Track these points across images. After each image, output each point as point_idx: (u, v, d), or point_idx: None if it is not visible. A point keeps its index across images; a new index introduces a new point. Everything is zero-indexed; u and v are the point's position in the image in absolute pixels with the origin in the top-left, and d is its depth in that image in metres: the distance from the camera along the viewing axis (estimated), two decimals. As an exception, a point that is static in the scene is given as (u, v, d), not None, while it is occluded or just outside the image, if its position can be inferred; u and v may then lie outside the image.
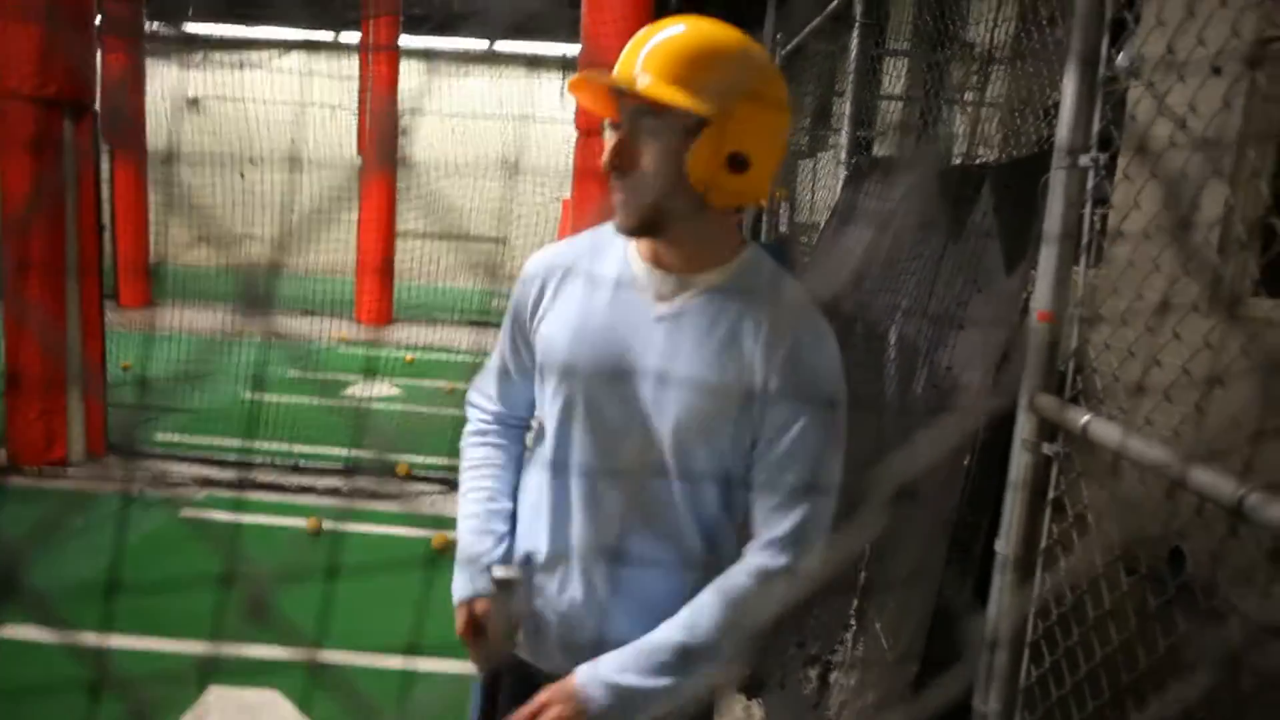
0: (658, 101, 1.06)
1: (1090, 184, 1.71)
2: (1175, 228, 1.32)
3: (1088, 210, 1.73)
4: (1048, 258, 1.71)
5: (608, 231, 1.24)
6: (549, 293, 1.24)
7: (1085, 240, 1.76)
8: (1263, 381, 1.24)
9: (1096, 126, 1.70)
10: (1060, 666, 1.78)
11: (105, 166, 8.61)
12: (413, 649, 2.94)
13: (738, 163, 1.09)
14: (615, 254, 1.22)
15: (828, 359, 1.14)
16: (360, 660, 2.86)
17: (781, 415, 1.12)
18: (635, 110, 1.10)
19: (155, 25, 10.58)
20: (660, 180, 1.10)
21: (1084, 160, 1.70)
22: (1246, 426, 1.34)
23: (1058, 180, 1.70)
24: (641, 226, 1.14)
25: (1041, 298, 1.72)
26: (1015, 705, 1.70)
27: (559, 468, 1.21)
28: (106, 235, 6.67)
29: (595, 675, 1.12)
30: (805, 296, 1.18)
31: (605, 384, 1.16)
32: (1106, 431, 1.46)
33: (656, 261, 1.18)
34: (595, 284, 1.20)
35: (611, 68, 1.13)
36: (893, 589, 2.27)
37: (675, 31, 1.10)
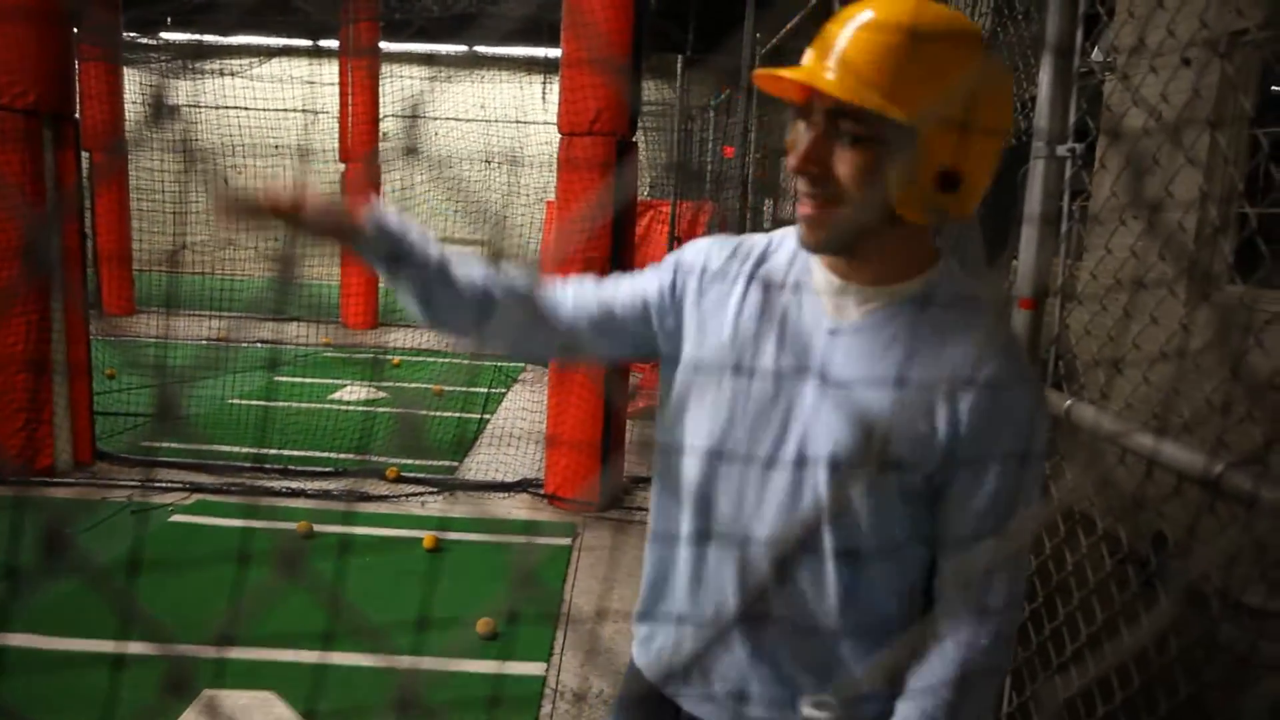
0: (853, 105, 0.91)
1: (1068, 174, 1.75)
2: (1145, 212, 1.35)
3: (1065, 199, 1.77)
4: (1028, 246, 1.75)
5: (782, 234, 1.14)
6: (701, 281, 1.12)
7: (1065, 229, 1.80)
8: (1231, 361, 1.28)
9: (1072, 118, 1.74)
10: (1047, 648, 1.81)
11: (86, 175, 8.57)
12: (408, 647, 2.95)
13: (948, 181, 0.94)
14: (787, 252, 1.10)
15: (1031, 397, 1.00)
16: (354, 660, 2.86)
17: (973, 465, 0.98)
18: (832, 110, 0.94)
19: (133, 34, 10.53)
20: (856, 195, 0.95)
21: (1061, 150, 1.73)
22: (1220, 404, 1.37)
23: (1036, 170, 1.73)
24: (830, 245, 1.00)
25: (1023, 286, 1.75)
26: (1003, 687, 1.73)
27: (705, 481, 1.08)
28: (89, 243, 6.64)
29: None
30: (1001, 319, 1.07)
31: (763, 390, 1.04)
32: (1087, 415, 1.50)
33: (834, 268, 1.05)
34: (765, 283, 1.08)
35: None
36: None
37: (875, 17, 0.94)
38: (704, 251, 1.14)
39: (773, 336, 1.04)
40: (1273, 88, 3.66)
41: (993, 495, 1.00)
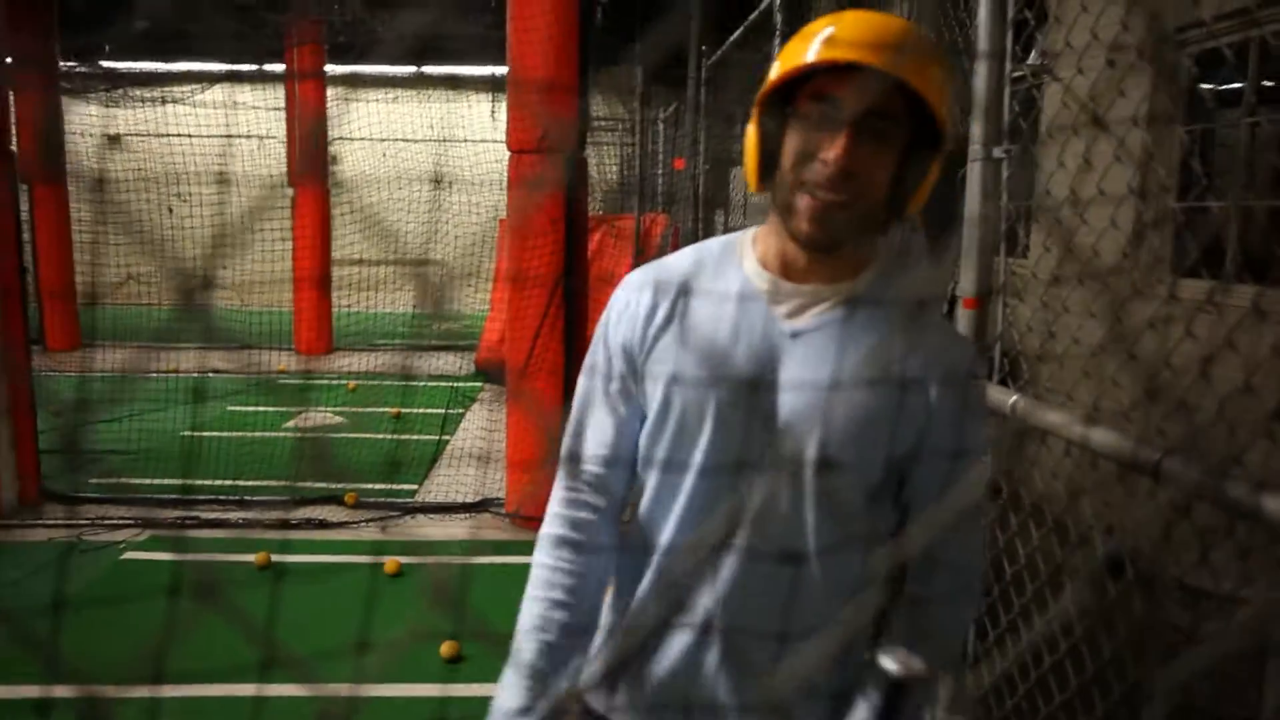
0: (894, 106, 0.96)
1: (1005, 175, 1.79)
2: (1041, 207, 1.39)
3: (1003, 200, 1.81)
4: (969, 247, 1.79)
5: (715, 247, 1.14)
6: (662, 311, 1.09)
7: (1003, 228, 1.84)
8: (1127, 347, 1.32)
9: (1006, 120, 1.78)
10: (1005, 639, 1.84)
11: (25, 207, 8.38)
12: (371, 675, 2.91)
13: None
14: (731, 267, 1.10)
15: (983, 383, 1.12)
16: (309, 693, 2.82)
17: (942, 451, 1.05)
18: (871, 111, 0.96)
19: (71, 63, 10.33)
20: (880, 194, 1.01)
21: (997, 152, 1.78)
22: (1154, 394, 1.41)
23: (974, 172, 1.78)
24: (838, 241, 1.02)
25: (966, 285, 1.79)
26: (964, 670, 1.75)
27: (676, 498, 1.08)
28: (29, 277, 6.49)
29: None
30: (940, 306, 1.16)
31: (736, 405, 1.04)
32: (1030, 409, 1.53)
33: (785, 273, 1.07)
34: (717, 300, 1.08)
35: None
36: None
37: (905, 27, 0.99)
38: (650, 276, 1.12)
39: (732, 350, 1.05)
40: (1200, 86, 3.79)
41: (957, 478, 1.06)
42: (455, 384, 7.41)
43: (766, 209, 1.11)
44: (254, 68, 12.10)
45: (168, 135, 9.80)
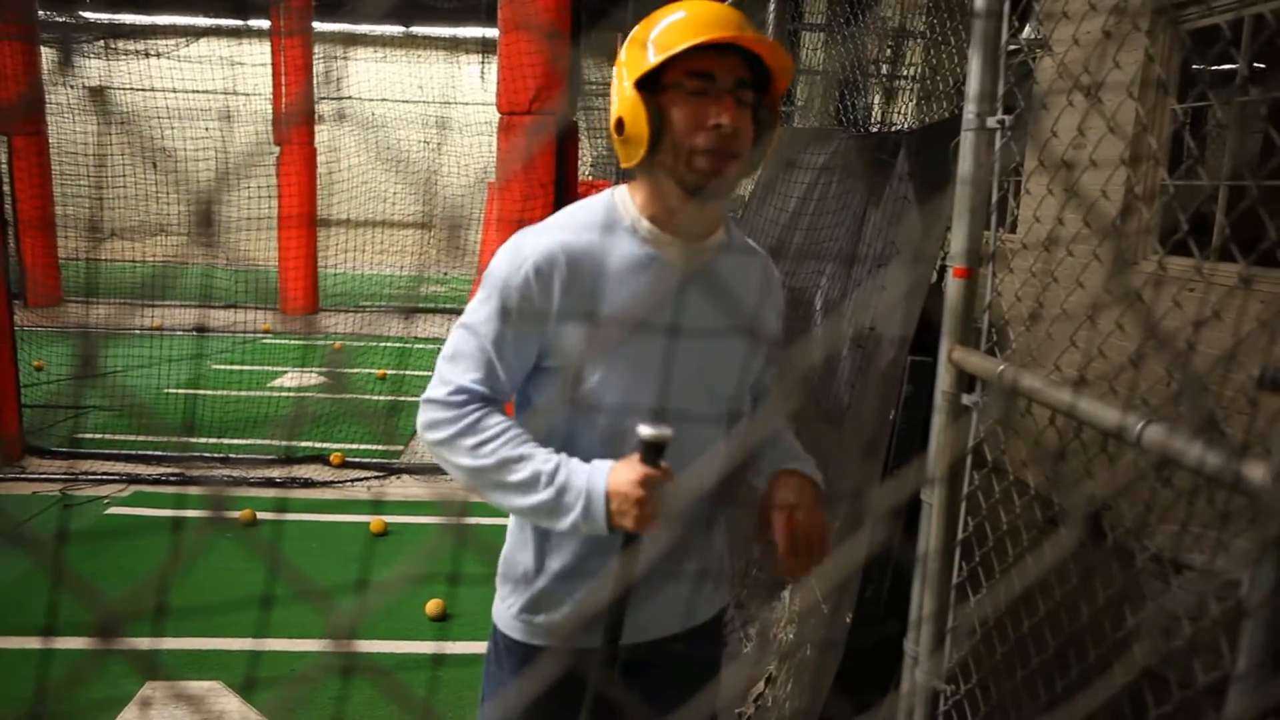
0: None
1: (998, 145, 1.79)
2: (1058, 171, 1.40)
3: (995, 172, 1.81)
4: (960, 217, 1.79)
5: (597, 208, 1.24)
6: (576, 282, 1.18)
7: (994, 200, 1.84)
8: (1149, 328, 1.33)
9: (1001, 90, 1.78)
10: (984, 603, 1.87)
11: (4, 160, 8.25)
12: (356, 633, 2.93)
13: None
14: (624, 228, 1.22)
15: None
16: (303, 647, 2.84)
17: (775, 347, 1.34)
18: (740, 81, 1.16)
19: (49, 13, 10.11)
20: (749, 149, 1.19)
21: (991, 122, 1.77)
22: (1138, 365, 1.43)
23: (967, 142, 1.77)
24: (729, 190, 1.22)
25: (957, 256, 1.79)
26: (944, 642, 1.78)
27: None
28: (10, 231, 6.40)
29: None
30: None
31: (661, 352, 1.20)
32: (1015, 376, 1.54)
33: (675, 230, 1.22)
34: (628, 263, 1.20)
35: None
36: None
37: (742, 14, 1.18)
38: (547, 247, 1.18)
39: (643, 299, 1.20)
40: (1193, 66, 3.79)
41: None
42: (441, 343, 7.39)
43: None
44: (239, 23, 11.89)
45: (151, 90, 9.64)
